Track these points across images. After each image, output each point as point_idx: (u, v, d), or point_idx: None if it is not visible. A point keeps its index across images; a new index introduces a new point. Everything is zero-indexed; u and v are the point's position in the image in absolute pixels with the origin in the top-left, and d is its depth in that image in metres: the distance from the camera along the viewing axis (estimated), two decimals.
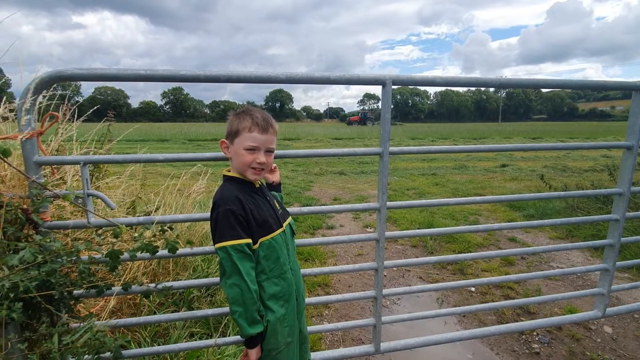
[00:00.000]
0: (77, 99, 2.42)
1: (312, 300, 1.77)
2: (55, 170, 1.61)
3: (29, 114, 1.26)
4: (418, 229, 4.60)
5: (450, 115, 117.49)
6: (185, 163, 1.54)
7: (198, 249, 1.52)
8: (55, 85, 1.34)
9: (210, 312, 1.63)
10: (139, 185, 3.17)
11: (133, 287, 1.42)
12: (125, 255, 1.28)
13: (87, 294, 1.36)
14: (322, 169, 10.71)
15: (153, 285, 1.43)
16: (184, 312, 1.61)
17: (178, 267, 2.73)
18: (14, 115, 1.36)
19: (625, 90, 1.82)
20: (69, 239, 1.60)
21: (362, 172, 10.45)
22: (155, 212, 2.75)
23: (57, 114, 1.38)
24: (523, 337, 2.65)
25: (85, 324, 1.19)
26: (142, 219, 1.42)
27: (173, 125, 47.59)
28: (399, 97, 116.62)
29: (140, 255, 1.30)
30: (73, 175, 1.88)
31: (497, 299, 3.15)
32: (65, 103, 2.02)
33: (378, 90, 1.54)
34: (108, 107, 3.77)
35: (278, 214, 1.34)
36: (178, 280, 2.34)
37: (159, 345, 1.59)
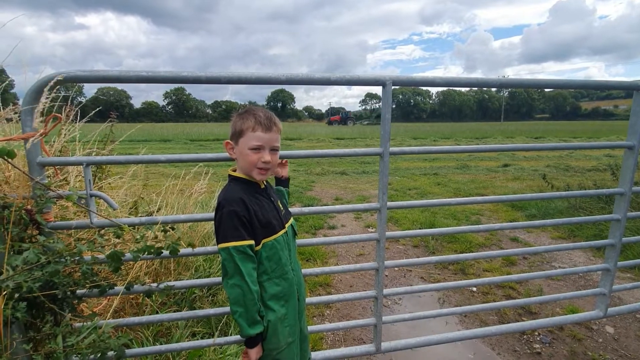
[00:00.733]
0: (80, 100, 2.44)
1: (313, 300, 1.77)
2: (59, 171, 1.63)
3: (33, 116, 1.28)
4: (419, 229, 4.61)
5: (453, 115, 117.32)
6: (187, 163, 1.55)
7: (199, 250, 1.53)
8: (59, 87, 1.35)
9: (212, 311, 1.64)
10: (141, 186, 3.19)
11: (135, 286, 1.43)
12: (128, 256, 1.29)
13: (90, 294, 1.37)
14: (323, 169, 10.69)
15: (155, 285, 1.44)
16: (186, 311, 1.62)
17: (180, 266, 2.74)
18: (18, 117, 1.37)
19: (626, 90, 1.82)
20: (72, 239, 1.62)
21: (363, 171, 10.43)
22: (157, 212, 2.77)
23: (60, 116, 1.39)
24: (524, 337, 2.65)
25: (90, 324, 1.21)
26: (144, 219, 1.43)
27: (175, 126, 47.76)
28: (401, 96, 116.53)
29: (143, 256, 1.31)
30: (76, 176, 1.89)
31: (498, 299, 3.15)
32: (68, 104, 2.03)
33: (379, 90, 1.55)
34: (110, 107, 3.79)
35: (281, 215, 1.35)
36: (180, 280, 2.36)
37: (161, 345, 1.61)
